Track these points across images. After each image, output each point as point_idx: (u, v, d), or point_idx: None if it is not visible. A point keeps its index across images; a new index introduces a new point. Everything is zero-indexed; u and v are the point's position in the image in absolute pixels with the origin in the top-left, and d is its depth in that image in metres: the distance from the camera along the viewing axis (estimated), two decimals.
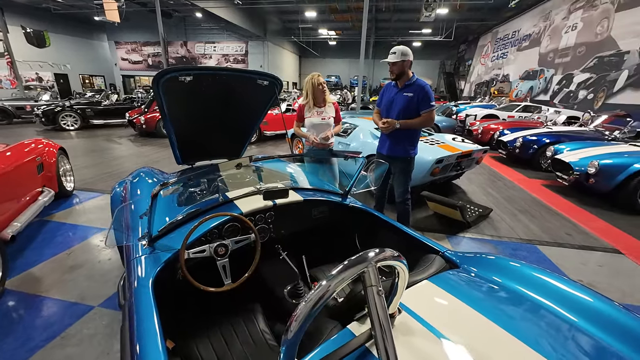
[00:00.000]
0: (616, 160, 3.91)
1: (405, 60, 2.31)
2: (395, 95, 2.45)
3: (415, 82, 2.37)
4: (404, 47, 2.31)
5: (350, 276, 0.65)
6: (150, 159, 5.93)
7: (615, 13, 8.99)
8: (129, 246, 1.35)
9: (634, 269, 2.61)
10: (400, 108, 2.41)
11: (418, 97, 2.34)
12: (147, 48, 23.39)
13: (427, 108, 2.36)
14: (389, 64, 2.37)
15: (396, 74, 2.37)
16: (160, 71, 1.69)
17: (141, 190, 2.05)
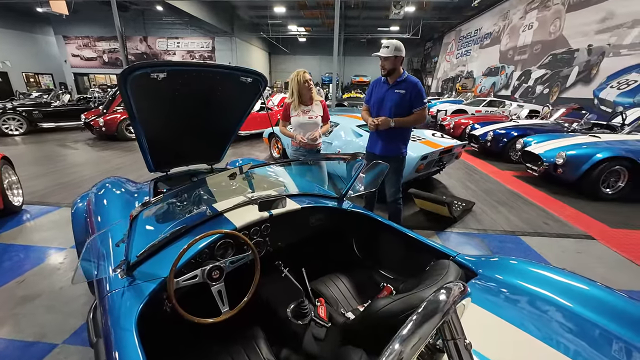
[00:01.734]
0: (580, 151, 4.18)
1: (398, 56, 2.21)
2: (386, 92, 2.34)
3: (406, 78, 2.29)
4: (397, 42, 2.21)
5: (429, 333, 0.52)
6: (113, 165, 5.41)
7: (566, 14, 9.73)
8: (101, 279, 1.12)
9: (608, 254, 2.78)
10: (392, 105, 2.31)
11: (411, 94, 2.26)
12: (101, 43, 21.58)
13: (420, 105, 2.29)
14: (380, 58, 2.25)
15: (388, 69, 2.26)
16: (127, 67, 1.46)
17: (109, 204, 1.78)
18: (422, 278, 1.34)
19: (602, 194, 4.09)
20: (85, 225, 1.78)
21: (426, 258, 1.56)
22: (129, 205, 1.78)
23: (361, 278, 1.76)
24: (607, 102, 7.83)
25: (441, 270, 1.23)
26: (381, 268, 1.80)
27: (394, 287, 1.58)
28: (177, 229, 1.28)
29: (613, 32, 7.92)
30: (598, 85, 8.23)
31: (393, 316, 0.98)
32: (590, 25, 8.65)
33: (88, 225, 1.73)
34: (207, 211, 1.44)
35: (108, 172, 4.88)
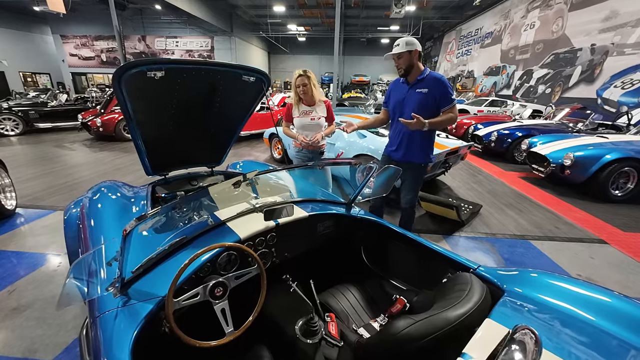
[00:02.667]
0: (589, 152, 4.09)
1: (412, 51, 1.97)
2: (407, 93, 2.10)
3: (428, 75, 2.03)
4: (408, 38, 2.01)
5: None
6: (111, 166, 5.29)
7: (569, 13, 9.64)
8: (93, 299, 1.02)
9: (621, 259, 2.69)
10: (415, 108, 2.05)
11: (435, 92, 2.00)
12: (99, 43, 21.40)
13: (448, 104, 2.01)
14: (393, 57, 2.05)
15: (404, 68, 2.02)
16: (122, 65, 1.35)
17: (104, 210, 1.68)
18: (441, 292, 1.24)
19: (611, 196, 4.01)
20: (77, 233, 1.67)
21: (441, 269, 1.46)
22: (125, 211, 1.67)
23: (371, 289, 1.66)
24: (611, 101, 7.75)
25: (463, 285, 1.13)
26: (392, 278, 1.70)
27: (407, 300, 1.48)
28: (176, 241, 1.18)
29: (617, 31, 7.83)
30: (601, 84, 8.14)
31: (415, 340, 0.89)
32: (594, 24, 8.57)
33: (81, 233, 1.63)
34: (208, 220, 1.34)
35: (106, 174, 4.77)
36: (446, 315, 0.93)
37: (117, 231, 1.50)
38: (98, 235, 1.50)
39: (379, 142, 3.77)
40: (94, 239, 1.49)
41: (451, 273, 1.41)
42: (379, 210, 2.52)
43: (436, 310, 0.97)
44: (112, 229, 1.50)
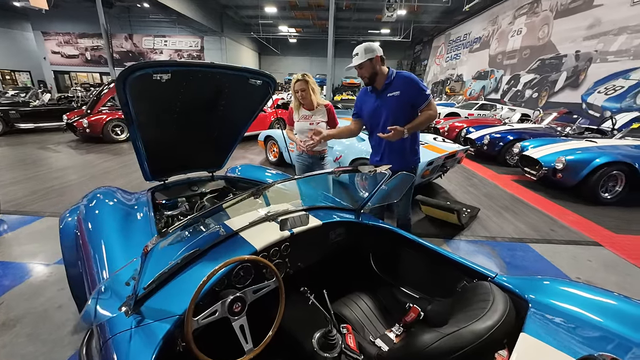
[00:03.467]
0: (580, 156, 4.20)
1: (373, 58, 1.87)
2: (378, 100, 2.00)
3: (395, 76, 1.91)
4: (366, 44, 1.89)
5: None
6: (99, 169, 5.10)
7: (554, 20, 9.98)
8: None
9: (616, 261, 2.76)
10: (390, 113, 1.95)
11: (409, 93, 1.89)
12: (84, 40, 20.78)
13: (425, 100, 1.89)
14: (356, 68, 1.95)
15: (368, 77, 1.93)
16: (128, 67, 1.28)
17: (104, 218, 1.59)
18: (459, 301, 1.22)
19: (601, 199, 4.13)
20: (76, 243, 1.58)
21: (455, 276, 1.44)
22: (127, 219, 1.59)
23: (383, 297, 1.63)
24: (595, 106, 8.05)
25: (485, 295, 1.11)
26: (402, 286, 1.68)
27: (421, 308, 1.46)
28: (189, 254, 1.11)
29: (600, 39, 8.15)
30: (586, 90, 8.45)
31: (444, 355, 0.86)
32: (578, 31, 8.89)
33: (79, 243, 1.54)
34: (220, 230, 1.28)
35: (94, 178, 4.59)
36: (475, 329, 0.90)
37: (120, 240, 1.42)
38: (99, 245, 1.41)
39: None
40: (95, 248, 1.40)
41: (466, 281, 1.40)
42: (380, 215, 2.50)
43: (463, 323, 0.94)
44: (114, 238, 1.42)
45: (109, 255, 1.34)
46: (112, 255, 1.34)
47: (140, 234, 1.47)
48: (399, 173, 1.56)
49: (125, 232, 1.48)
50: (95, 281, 1.27)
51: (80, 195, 3.73)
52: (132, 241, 1.42)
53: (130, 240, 1.42)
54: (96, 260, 1.34)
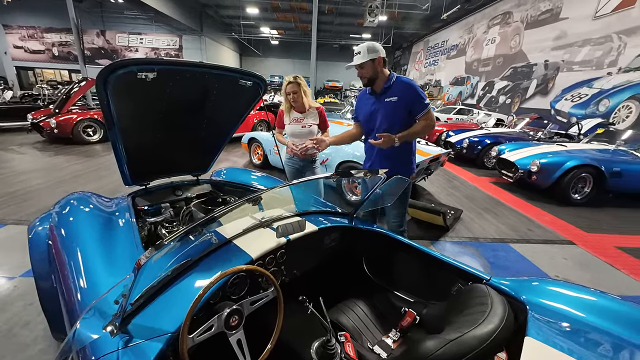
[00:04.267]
0: (552, 159, 4.44)
1: (375, 59, 1.79)
2: (375, 104, 1.92)
3: (395, 81, 1.84)
4: (369, 43, 1.81)
5: None
6: (69, 172, 4.77)
7: (525, 31, 10.57)
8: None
9: (589, 259, 2.91)
10: (386, 118, 1.88)
11: (406, 100, 1.81)
12: (50, 35, 19.55)
13: (423, 110, 1.81)
14: (356, 68, 1.87)
15: (367, 77, 1.84)
16: (110, 64, 1.19)
17: (80, 226, 1.46)
18: (454, 305, 1.22)
19: (572, 200, 4.38)
20: (48, 254, 1.44)
21: (449, 279, 1.45)
22: (107, 226, 1.48)
23: (379, 302, 1.62)
24: (563, 112, 8.58)
25: (482, 298, 1.12)
26: (397, 290, 1.67)
27: (416, 312, 1.46)
28: (180, 265, 1.04)
29: (566, 50, 8.72)
30: (554, 97, 8.99)
31: None
32: (547, 42, 9.47)
33: (52, 254, 1.41)
34: (212, 238, 1.21)
35: (63, 182, 4.28)
36: (477, 334, 0.90)
37: (100, 250, 1.31)
38: (76, 256, 1.30)
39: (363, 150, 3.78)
40: (71, 259, 1.29)
41: (461, 284, 1.41)
42: (373, 219, 2.49)
43: (464, 329, 0.94)
44: (93, 248, 1.31)
45: (88, 266, 1.24)
46: (92, 266, 1.23)
47: (122, 243, 1.37)
48: (394, 177, 1.56)
49: (106, 241, 1.37)
50: (72, 295, 1.16)
51: (46, 201, 3.51)
52: (114, 250, 1.31)
53: (111, 250, 1.32)
54: (73, 272, 1.23)
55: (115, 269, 1.21)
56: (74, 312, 1.10)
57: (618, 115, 7.03)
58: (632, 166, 4.39)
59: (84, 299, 1.11)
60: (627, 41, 7.01)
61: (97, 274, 1.19)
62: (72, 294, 1.16)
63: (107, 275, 1.18)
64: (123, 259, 1.25)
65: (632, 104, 6.73)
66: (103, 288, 1.11)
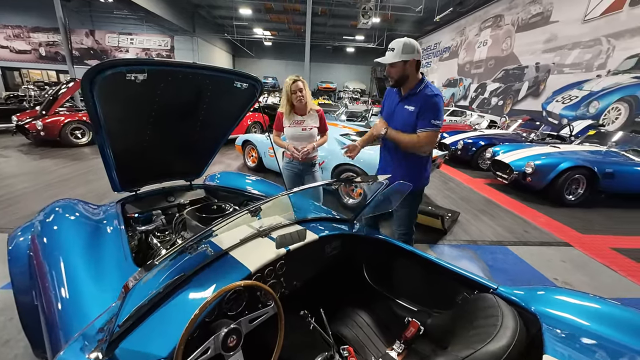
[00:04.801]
0: (546, 161, 4.47)
1: (407, 61, 1.65)
2: (396, 106, 1.82)
3: (422, 90, 1.70)
4: (407, 40, 1.65)
5: None
6: (56, 176, 4.61)
7: (516, 33, 10.72)
8: None
9: (586, 261, 2.92)
10: (401, 126, 1.78)
11: (421, 110, 1.68)
12: (37, 35, 19.09)
13: (427, 127, 1.67)
14: (385, 66, 1.75)
15: (395, 79, 1.72)
16: (97, 64, 1.12)
17: (65, 236, 1.37)
18: (461, 316, 1.17)
19: (566, 201, 4.41)
20: (29, 266, 1.35)
21: (452, 287, 1.41)
22: (94, 236, 1.39)
23: (381, 311, 1.56)
24: (554, 114, 8.71)
25: (490, 309, 1.07)
26: (398, 298, 1.62)
27: (420, 322, 1.41)
28: (172, 280, 0.97)
29: (557, 52, 8.86)
30: (545, 99, 9.13)
31: None
32: (537, 45, 9.61)
33: (34, 267, 1.31)
34: (207, 250, 1.14)
35: (50, 186, 4.13)
36: (491, 350, 0.86)
37: (86, 263, 1.23)
38: (59, 269, 1.21)
39: (361, 153, 3.73)
40: (54, 273, 1.20)
41: (466, 293, 1.37)
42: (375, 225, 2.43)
43: (477, 344, 0.89)
44: (79, 260, 1.23)
45: (72, 280, 1.15)
46: (76, 281, 1.15)
47: (110, 254, 1.28)
48: (397, 182, 1.51)
49: (92, 252, 1.28)
50: (53, 311, 1.08)
51: (32, 206, 3.37)
52: (101, 263, 1.23)
53: (98, 262, 1.23)
54: (55, 287, 1.15)
55: (102, 283, 1.13)
56: (55, 330, 1.01)
57: (608, 116, 7.16)
58: (623, 167, 4.45)
59: (66, 317, 1.02)
60: (616, 44, 7.16)
61: (82, 289, 1.10)
62: (53, 311, 1.08)
63: (93, 290, 1.10)
64: (111, 272, 1.17)
65: (621, 106, 6.87)
66: (88, 304, 1.03)
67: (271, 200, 1.04)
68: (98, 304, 1.02)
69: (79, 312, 1.02)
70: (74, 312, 1.04)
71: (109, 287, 1.08)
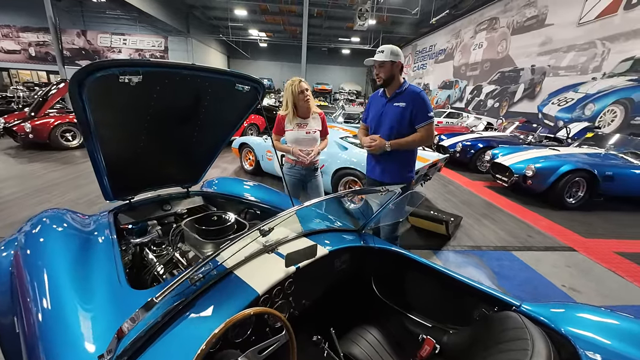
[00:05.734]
0: (547, 164, 4.44)
1: (395, 62, 1.88)
2: (385, 106, 2.00)
3: (407, 88, 1.94)
4: (393, 46, 1.89)
5: None
6: (46, 180, 4.44)
7: (511, 36, 10.80)
8: None
9: (591, 266, 2.87)
10: (392, 123, 1.96)
11: (412, 107, 1.90)
12: (27, 35, 18.70)
13: (424, 121, 1.89)
14: (374, 65, 1.93)
15: (384, 78, 1.91)
16: (87, 65, 1.02)
17: (52, 252, 1.26)
18: (484, 335, 1.09)
19: (566, 204, 4.39)
20: (10, 289, 1.23)
21: (470, 302, 1.33)
22: (83, 250, 1.28)
23: (392, 328, 1.48)
24: (550, 116, 8.76)
25: (517, 330, 0.99)
26: (410, 312, 1.54)
27: (436, 340, 1.33)
28: (172, 307, 0.87)
29: (552, 55, 8.93)
30: (541, 101, 9.18)
31: None
32: (533, 47, 9.68)
33: (16, 289, 1.19)
34: (210, 268, 1.04)
35: (39, 191, 3.97)
36: None
37: (74, 281, 1.11)
38: (43, 289, 1.10)
39: (360, 156, 3.66)
40: (37, 294, 1.08)
41: (485, 309, 1.29)
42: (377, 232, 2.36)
43: None
44: (66, 279, 1.11)
45: (59, 303, 1.04)
46: (63, 303, 1.03)
47: (101, 273, 1.17)
48: (408, 192, 1.44)
49: (82, 271, 1.17)
50: (36, 339, 0.96)
51: (19, 214, 3.21)
52: (92, 283, 1.12)
53: (88, 283, 1.12)
54: (39, 310, 1.03)
55: (93, 307, 1.02)
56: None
57: (604, 119, 7.22)
58: (623, 170, 4.44)
59: (51, 345, 0.91)
60: (611, 47, 7.23)
61: (69, 314, 0.99)
62: (36, 338, 0.96)
63: (83, 314, 0.99)
64: (102, 294, 1.06)
65: (616, 109, 6.92)
66: (75, 332, 0.92)
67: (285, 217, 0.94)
68: (87, 331, 0.91)
69: (65, 341, 0.91)
70: (59, 339, 0.93)
71: (100, 311, 0.98)
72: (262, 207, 2.00)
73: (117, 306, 0.95)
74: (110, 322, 0.89)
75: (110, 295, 1.01)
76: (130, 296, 0.99)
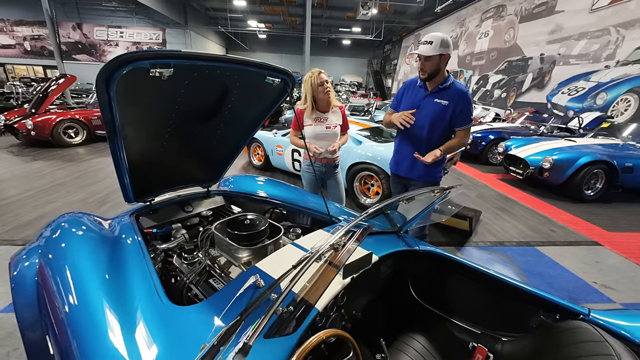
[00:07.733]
0: (565, 156, 4.33)
1: (443, 55, 1.69)
2: (424, 100, 1.84)
3: (452, 85, 1.78)
4: (444, 36, 1.68)
5: None
6: (50, 179, 4.33)
7: (519, 24, 10.53)
8: None
9: (620, 261, 2.79)
10: (430, 119, 1.82)
11: (455, 107, 1.77)
12: (22, 29, 18.31)
13: (466, 124, 1.81)
14: (419, 58, 1.72)
15: (429, 72, 1.73)
16: (115, 58, 0.91)
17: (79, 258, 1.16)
18: (550, 347, 1.01)
19: (584, 196, 4.30)
20: (38, 297, 1.14)
21: (525, 308, 1.25)
22: (113, 259, 1.18)
23: (438, 335, 1.39)
24: (559, 106, 8.60)
25: (595, 345, 0.89)
26: (452, 317, 1.46)
27: (488, 349, 1.25)
28: (225, 330, 0.77)
29: (562, 43, 8.71)
30: (550, 91, 9.00)
31: None
32: (542, 35, 9.45)
33: (44, 297, 1.10)
34: (257, 281, 0.94)
35: (44, 191, 3.86)
36: None
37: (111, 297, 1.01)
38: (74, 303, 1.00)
39: (377, 150, 3.55)
40: (68, 306, 0.99)
41: (544, 316, 1.20)
42: None
43: None
44: (100, 294, 1.01)
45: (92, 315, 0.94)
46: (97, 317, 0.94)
47: (136, 283, 1.07)
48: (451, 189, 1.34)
49: (115, 281, 1.07)
50: (71, 354, 0.87)
51: (25, 216, 3.11)
52: (127, 295, 1.01)
53: (124, 294, 1.02)
54: (71, 324, 0.94)
55: (135, 324, 0.91)
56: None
57: (617, 108, 7.07)
58: None
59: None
60: (625, 34, 7.02)
61: (112, 333, 0.90)
62: (71, 353, 0.87)
63: (119, 327, 0.89)
64: (143, 310, 0.96)
65: (630, 97, 6.76)
66: (113, 347, 0.83)
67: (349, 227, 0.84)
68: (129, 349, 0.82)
69: (103, 356, 0.82)
70: (96, 354, 0.84)
71: (146, 332, 0.88)
72: (288, 206, 1.90)
73: (162, 326, 0.86)
74: (160, 344, 0.80)
75: (153, 313, 0.91)
76: (173, 314, 0.90)
